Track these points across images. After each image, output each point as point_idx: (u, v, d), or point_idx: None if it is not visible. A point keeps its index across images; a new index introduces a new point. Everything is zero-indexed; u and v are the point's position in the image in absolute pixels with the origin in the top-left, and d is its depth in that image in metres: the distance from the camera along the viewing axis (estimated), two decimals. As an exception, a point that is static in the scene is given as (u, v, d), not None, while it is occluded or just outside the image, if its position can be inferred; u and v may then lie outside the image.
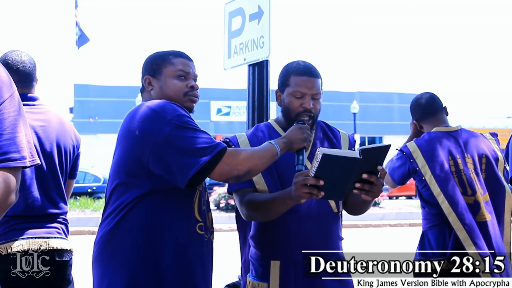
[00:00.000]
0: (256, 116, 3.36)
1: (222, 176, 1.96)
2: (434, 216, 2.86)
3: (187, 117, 1.96)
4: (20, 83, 2.53)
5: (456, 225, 2.75)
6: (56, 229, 2.56)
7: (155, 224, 1.96)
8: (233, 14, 3.60)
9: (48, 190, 2.55)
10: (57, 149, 2.60)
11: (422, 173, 2.85)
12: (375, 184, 1.91)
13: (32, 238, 2.46)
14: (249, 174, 2.00)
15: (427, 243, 2.89)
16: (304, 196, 1.90)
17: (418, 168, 2.87)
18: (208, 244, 2.10)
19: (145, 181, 1.96)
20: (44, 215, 2.53)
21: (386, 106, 34.60)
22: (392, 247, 2.96)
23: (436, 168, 2.84)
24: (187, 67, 2.15)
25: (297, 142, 2.07)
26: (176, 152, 1.89)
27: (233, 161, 1.94)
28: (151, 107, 1.96)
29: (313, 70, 2.23)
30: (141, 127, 1.94)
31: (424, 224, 2.97)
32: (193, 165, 1.88)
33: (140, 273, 1.94)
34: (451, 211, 2.77)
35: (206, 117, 31.19)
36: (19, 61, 2.56)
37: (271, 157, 2.02)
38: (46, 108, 2.65)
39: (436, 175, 2.83)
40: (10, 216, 2.43)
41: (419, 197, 2.98)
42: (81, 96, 31.36)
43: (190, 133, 1.92)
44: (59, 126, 2.63)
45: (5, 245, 2.41)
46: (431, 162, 2.85)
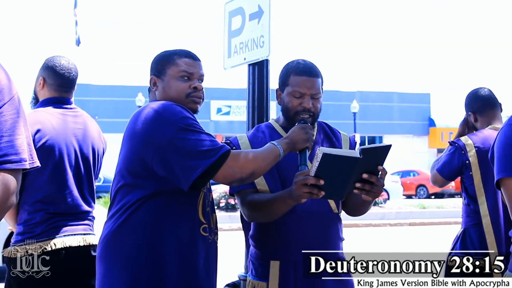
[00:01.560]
0: (256, 115, 3.36)
1: (226, 179, 1.96)
2: (478, 214, 2.82)
3: (191, 119, 1.96)
4: (63, 87, 2.71)
5: (488, 229, 2.73)
6: (89, 226, 2.70)
7: (159, 226, 1.97)
8: (233, 14, 3.60)
9: (83, 190, 2.68)
10: (92, 152, 2.74)
11: (471, 168, 2.82)
12: (375, 184, 1.91)
13: (73, 235, 2.59)
14: (253, 176, 2.00)
15: (469, 240, 2.85)
16: (304, 196, 1.90)
17: (469, 161, 2.83)
18: (212, 245, 2.10)
19: (149, 182, 1.96)
20: (80, 213, 2.65)
21: (386, 106, 34.59)
22: (392, 247, 2.96)
23: (486, 167, 2.78)
24: (191, 67, 2.13)
25: (300, 142, 2.06)
26: (179, 154, 1.89)
27: (236, 163, 1.93)
28: (156, 108, 1.97)
29: (312, 69, 2.22)
30: (145, 129, 1.94)
31: (466, 221, 2.93)
32: (196, 167, 1.88)
33: (143, 274, 1.94)
34: (487, 214, 2.75)
35: (206, 117, 31.17)
36: (66, 67, 2.71)
37: (274, 159, 2.01)
38: (80, 112, 2.79)
39: (484, 175, 2.79)
40: (52, 213, 2.55)
41: (464, 193, 2.94)
42: (81, 95, 31.28)
43: (194, 135, 1.91)
44: (92, 129, 2.77)
45: (48, 242, 2.52)
46: (482, 159, 2.81)
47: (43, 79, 2.70)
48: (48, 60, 2.72)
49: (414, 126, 34.83)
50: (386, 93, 35.33)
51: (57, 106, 2.67)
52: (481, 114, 2.98)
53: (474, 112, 3.01)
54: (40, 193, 2.53)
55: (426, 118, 35.00)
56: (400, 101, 34.30)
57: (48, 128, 2.56)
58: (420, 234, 11.92)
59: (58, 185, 2.57)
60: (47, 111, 2.63)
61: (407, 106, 34.57)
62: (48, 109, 2.65)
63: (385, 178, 1.97)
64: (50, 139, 2.55)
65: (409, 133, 34.67)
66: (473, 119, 3.02)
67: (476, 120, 3.01)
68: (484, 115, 2.97)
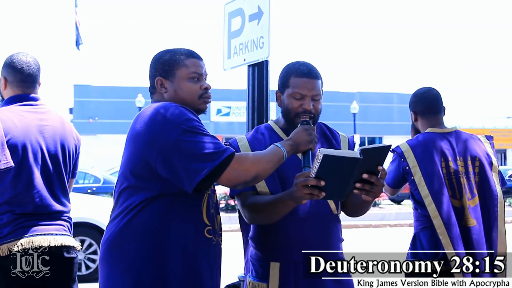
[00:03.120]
0: (256, 116, 3.36)
1: (230, 182, 1.95)
2: (427, 218, 2.82)
3: (195, 121, 1.94)
4: (23, 82, 2.61)
5: (440, 230, 2.71)
6: (63, 227, 2.61)
7: (163, 228, 1.95)
8: (232, 15, 3.60)
9: (54, 189, 2.59)
10: (61, 148, 2.64)
11: (412, 173, 2.83)
12: (375, 184, 1.91)
13: (42, 235, 2.50)
14: (257, 179, 1.99)
15: (419, 244, 2.85)
16: (305, 197, 1.90)
17: (408, 167, 2.84)
18: (216, 247, 2.09)
19: (153, 184, 1.95)
20: (51, 213, 2.57)
21: (385, 107, 34.60)
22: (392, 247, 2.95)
23: (427, 169, 2.80)
24: (199, 67, 2.13)
25: (303, 144, 2.05)
26: (183, 157, 1.88)
27: (240, 166, 1.92)
28: (159, 110, 1.95)
29: (312, 71, 2.22)
30: (148, 130, 1.93)
31: (416, 225, 2.94)
32: (200, 170, 1.87)
33: (146, 277, 1.93)
34: (437, 214, 2.73)
35: (206, 118, 30.57)
36: (24, 61, 2.63)
37: (278, 161, 2.00)
38: (48, 108, 2.69)
39: (426, 177, 2.80)
40: (19, 214, 2.47)
41: (412, 198, 2.95)
42: (81, 96, 31.36)
43: (198, 137, 1.90)
44: (61, 126, 2.67)
45: (15, 243, 2.44)
46: (422, 162, 2.82)
47: (4, 78, 2.63)
48: (7, 59, 2.65)
49: (414, 127, 34.80)
50: (386, 94, 35.35)
51: (22, 104, 2.59)
52: (422, 116, 3.00)
53: (416, 112, 3.03)
54: (6, 194, 2.46)
55: (426, 119, 34.97)
56: (400, 102, 34.27)
57: (9, 126, 2.47)
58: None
59: (24, 185, 2.49)
60: (10, 110, 2.55)
61: (407, 107, 34.37)
62: (11, 107, 2.57)
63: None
64: (12, 138, 2.46)
65: (409, 134, 33.92)
66: (414, 118, 3.05)
67: (416, 120, 3.03)
68: (424, 118, 2.99)
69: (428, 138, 2.88)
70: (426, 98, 3.01)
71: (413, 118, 3.05)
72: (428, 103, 2.99)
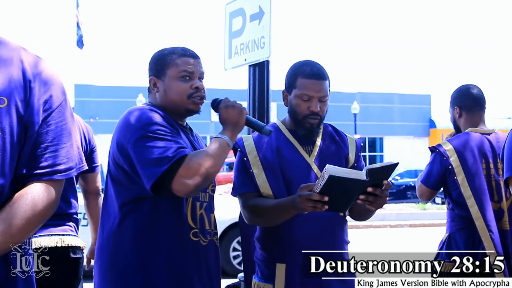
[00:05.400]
0: (256, 116, 3.36)
1: (181, 192, 1.86)
2: (463, 219, 2.81)
3: (157, 125, 1.90)
4: None
5: (482, 232, 2.71)
6: (69, 227, 2.65)
7: (145, 234, 1.95)
8: (233, 15, 3.60)
9: (63, 190, 2.60)
10: None
11: (455, 173, 2.80)
12: (379, 196, 1.92)
13: (49, 236, 2.53)
14: (209, 179, 1.91)
15: (455, 245, 2.83)
16: (308, 209, 1.91)
17: (452, 167, 2.81)
18: (208, 247, 2.06)
19: (130, 186, 1.95)
20: (59, 214, 2.59)
21: (386, 107, 34.55)
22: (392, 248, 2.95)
23: (471, 170, 2.78)
24: (191, 66, 2.06)
25: (238, 119, 2.02)
26: (138, 161, 1.87)
27: (189, 172, 1.84)
28: (127, 115, 1.97)
29: (320, 72, 2.20)
30: (118, 136, 1.95)
31: (451, 226, 2.91)
32: (152, 175, 1.84)
33: (135, 284, 1.93)
34: (479, 216, 2.72)
35: (206, 118, 31.07)
36: None
37: (225, 151, 1.96)
38: None
39: (469, 177, 2.78)
40: None
41: (448, 198, 2.92)
42: (81, 96, 31.34)
43: (153, 142, 1.86)
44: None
45: None
46: (465, 163, 2.80)
47: None
48: None
49: (414, 127, 34.77)
50: (386, 94, 35.29)
51: None
52: (468, 111, 2.95)
53: (461, 107, 2.97)
54: None
55: (427, 119, 34.94)
56: (400, 102, 34.24)
57: None
58: (420, 236, 11.90)
59: None
60: None
61: (408, 108, 34.52)
62: None
63: None
64: None
65: (409, 134, 34.61)
66: (458, 114, 2.99)
67: (460, 116, 2.98)
68: (470, 113, 2.94)
69: (470, 139, 2.86)
70: (471, 93, 2.98)
71: (457, 113, 2.99)
72: (474, 98, 2.96)
